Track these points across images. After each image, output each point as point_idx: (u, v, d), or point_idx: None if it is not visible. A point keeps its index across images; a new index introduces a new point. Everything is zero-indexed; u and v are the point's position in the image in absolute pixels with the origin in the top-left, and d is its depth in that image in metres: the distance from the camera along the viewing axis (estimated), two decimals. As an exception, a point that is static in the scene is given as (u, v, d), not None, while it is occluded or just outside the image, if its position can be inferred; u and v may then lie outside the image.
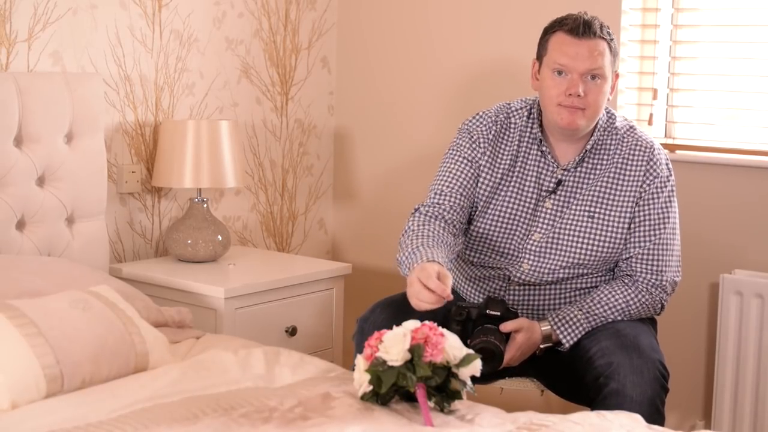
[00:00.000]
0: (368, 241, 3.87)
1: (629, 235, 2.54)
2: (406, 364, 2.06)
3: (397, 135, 3.78)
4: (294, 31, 3.73)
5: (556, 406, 3.09)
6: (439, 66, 3.64)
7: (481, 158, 2.59)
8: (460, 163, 2.59)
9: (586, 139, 2.55)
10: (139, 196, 3.31)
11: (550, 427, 1.93)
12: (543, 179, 2.56)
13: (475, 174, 2.59)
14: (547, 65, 2.48)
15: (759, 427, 2.97)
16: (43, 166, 2.88)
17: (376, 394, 2.10)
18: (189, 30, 3.39)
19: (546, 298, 2.59)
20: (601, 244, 2.53)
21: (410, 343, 2.06)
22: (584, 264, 2.55)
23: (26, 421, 2.05)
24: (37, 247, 2.87)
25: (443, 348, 2.06)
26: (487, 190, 2.58)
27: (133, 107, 3.26)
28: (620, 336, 2.41)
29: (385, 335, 2.09)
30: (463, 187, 2.57)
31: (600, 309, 2.49)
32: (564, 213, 2.55)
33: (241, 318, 2.99)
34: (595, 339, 2.43)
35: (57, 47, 3.02)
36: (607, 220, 2.53)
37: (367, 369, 2.10)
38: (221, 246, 3.23)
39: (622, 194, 2.54)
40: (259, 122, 3.66)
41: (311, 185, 3.88)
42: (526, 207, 2.57)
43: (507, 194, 2.58)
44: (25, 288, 2.49)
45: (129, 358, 2.35)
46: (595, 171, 2.55)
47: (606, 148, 2.56)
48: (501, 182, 2.58)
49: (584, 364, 2.41)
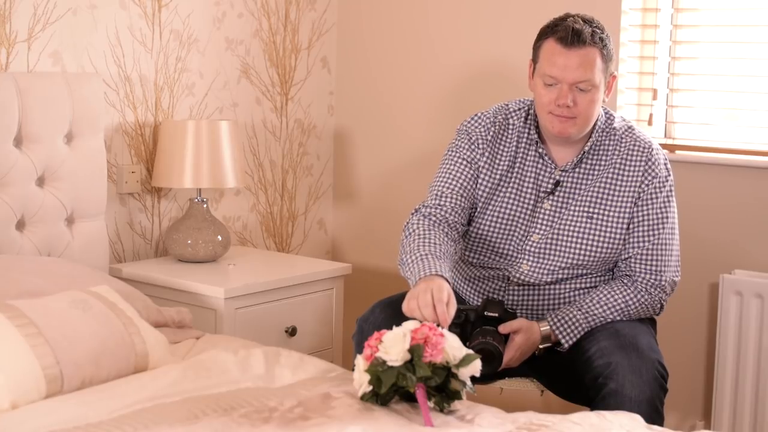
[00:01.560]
0: (368, 241, 3.87)
1: (628, 235, 2.54)
2: (405, 365, 2.06)
3: (396, 135, 3.78)
4: (294, 31, 3.73)
5: (556, 406, 3.09)
6: (439, 66, 3.63)
7: (480, 159, 2.59)
8: (460, 164, 2.59)
9: (584, 141, 2.55)
10: (139, 197, 3.31)
11: (549, 427, 1.93)
12: (541, 180, 2.56)
13: (475, 175, 2.59)
14: (538, 73, 2.48)
15: (759, 428, 2.97)
16: (43, 166, 2.88)
17: (375, 395, 2.10)
18: (189, 30, 3.39)
19: (545, 298, 2.59)
20: (600, 245, 2.53)
21: (410, 343, 2.06)
22: (583, 264, 2.55)
23: (26, 421, 2.05)
24: (37, 247, 2.87)
25: (443, 348, 2.06)
26: (486, 190, 2.59)
27: (133, 107, 3.26)
28: (619, 336, 2.40)
29: (384, 335, 2.09)
30: (463, 188, 2.57)
31: (599, 309, 2.49)
32: (563, 214, 2.55)
33: (241, 318, 2.99)
34: (594, 339, 2.43)
35: (57, 47, 3.02)
36: (605, 220, 2.53)
37: (367, 369, 2.10)
38: (221, 246, 3.23)
39: (620, 194, 2.53)
40: (259, 122, 3.65)
41: (311, 185, 3.88)
42: (525, 208, 2.56)
43: (506, 195, 2.58)
44: (25, 288, 2.49)
45: (129, 359, 2.35)
46: (593, 172, 2.55)
47: (604, 149, 2.55)
48: (500, 183, 2.58)
49: (583, 365, 2.41)
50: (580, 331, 2.47)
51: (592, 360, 2.38)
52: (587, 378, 2.38)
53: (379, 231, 3.82)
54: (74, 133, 2.96)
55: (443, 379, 2.07)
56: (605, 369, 2.34)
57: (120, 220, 3.26)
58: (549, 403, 3.17)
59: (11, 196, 2.81)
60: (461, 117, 3.51)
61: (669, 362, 3.22)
